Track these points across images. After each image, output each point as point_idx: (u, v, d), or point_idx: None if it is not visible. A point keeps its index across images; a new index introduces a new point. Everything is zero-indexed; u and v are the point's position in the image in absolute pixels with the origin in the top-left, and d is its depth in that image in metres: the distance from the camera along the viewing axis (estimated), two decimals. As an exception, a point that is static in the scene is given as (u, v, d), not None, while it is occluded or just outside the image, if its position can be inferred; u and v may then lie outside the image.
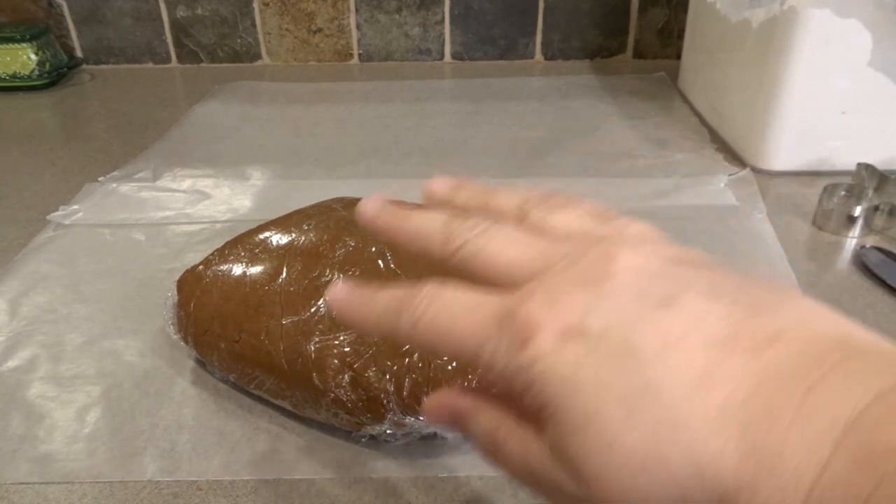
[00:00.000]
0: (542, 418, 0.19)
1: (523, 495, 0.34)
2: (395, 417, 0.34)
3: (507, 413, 0.22)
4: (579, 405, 0.18)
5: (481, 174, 0.67)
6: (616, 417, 0.17)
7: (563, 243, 0.21)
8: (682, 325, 0.18)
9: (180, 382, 0.42)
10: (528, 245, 0.21)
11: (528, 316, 0.19)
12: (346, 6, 1.00)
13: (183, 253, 0.55)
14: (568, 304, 0.19)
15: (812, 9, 0.57)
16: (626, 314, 0.18)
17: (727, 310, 0.18)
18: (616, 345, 0.18)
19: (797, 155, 0.64)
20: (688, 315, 0.18)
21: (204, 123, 0.82)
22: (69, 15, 1.01)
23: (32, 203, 0.64)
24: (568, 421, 0.18)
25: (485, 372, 0.20)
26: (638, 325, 0.18)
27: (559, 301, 0.19)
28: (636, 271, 0.19)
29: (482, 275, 0.21)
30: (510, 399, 0.22)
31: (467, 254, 0.22)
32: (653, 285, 0.19)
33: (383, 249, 0.41)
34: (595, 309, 0.19)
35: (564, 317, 0.19)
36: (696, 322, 0.18)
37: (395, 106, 0.86)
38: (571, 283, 0.20)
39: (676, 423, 0.17)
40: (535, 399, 0.19)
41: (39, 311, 0.48)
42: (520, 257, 0.21)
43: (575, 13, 0.99)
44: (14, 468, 0.36)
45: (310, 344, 0.35)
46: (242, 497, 0.34)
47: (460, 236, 0.22)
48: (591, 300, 0.19)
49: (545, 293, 0.19)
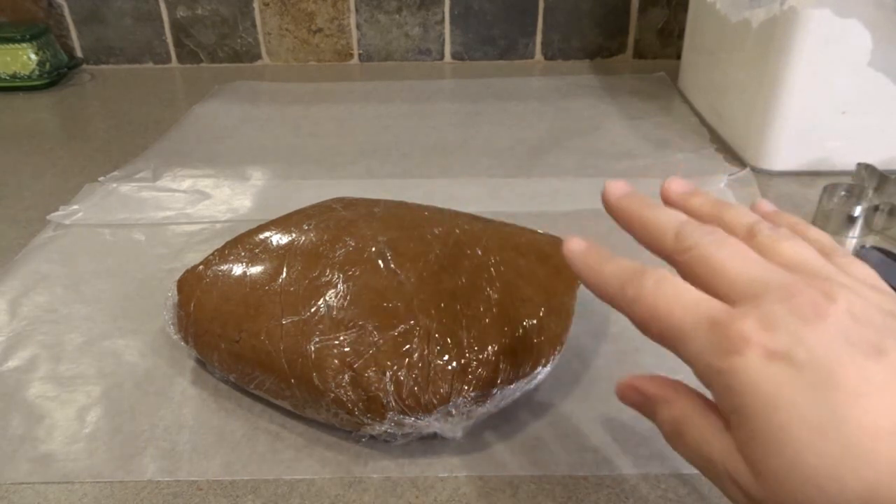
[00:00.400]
0: (730, 419, 0.22)
1: (523, 495, 0.34)
2: (395, 417, 0.34)
3: (691, 404, 0.24)
4: (773, 421, 0.20)
5: (481, 174, 0.67)
6: (805, 440, 0.20)
7: (787, 272, 0.23)
8: (886, 376, 0.20)
9: (180, 382, 0.42)
10: (754, 264, 0.23)
11: (741, 330, 0.21)
12: (346, 6, 1.00)
13: (183, 253, 0.55)
14: (781, 331, 0.21)
15: (812, 9, 0.57)
16: (835, 353, 0.20)
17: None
18: (819, 378, 0.20)
19: (797, 155, 0.64)
20: (894, 369, 0.20)
21: (204, 123, 0.82)
22: (69, 15, 1.01)
23: (32, 203, 0.64)
24: (759, 431, 0.20)
25: (686, 362, 0.22)
26: (844, 366, 0.20)
27: (774, 326, 0.21)
28: (852, 316, 0.21)
29: (704, 278, 0.23)
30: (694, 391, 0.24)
31: (697, 255, 0.24)
32: (865, 333, 0.21)
33: (383, 249, 0.41)
34: (806, 341, 0.20)
35: (776, 341, 0.21)
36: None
37: (395, 106, 0.86)
38: (789, 312, 0.21)
39: (864, 460, 0.19)
40: (729, 402, 0.21)
41: (39, 311, 0.48)
42: (743, 273, 0.23)
43: (575, 13, 0.99)
44: (14, 468, 0.36)
45: (310, 344, 0.35)
46: (242, 497, 0.34)
47: (693, 238, 0.24)
48: (803, 333, 0.21)
49: (762, 316, 0.21)
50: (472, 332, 0.35)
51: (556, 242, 0.44)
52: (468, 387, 0.34)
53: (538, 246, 0.43)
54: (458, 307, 0.37)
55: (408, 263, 0.40)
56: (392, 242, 0.41)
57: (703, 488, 0.34)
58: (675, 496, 0.34)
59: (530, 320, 0.37)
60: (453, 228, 0.43)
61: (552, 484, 0.34)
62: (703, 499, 0.33)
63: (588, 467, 0.35)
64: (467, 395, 0.34)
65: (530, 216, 0.58)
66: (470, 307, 0.37)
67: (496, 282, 0.38)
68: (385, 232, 0.43)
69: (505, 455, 0.36)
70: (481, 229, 0.44)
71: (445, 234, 0.42)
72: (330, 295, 0.38)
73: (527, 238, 0.43)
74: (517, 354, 0.35)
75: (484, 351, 0.35)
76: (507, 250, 0.41)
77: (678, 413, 0.24)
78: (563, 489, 0.34)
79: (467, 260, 0.40)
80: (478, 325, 0.36)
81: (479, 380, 0.34)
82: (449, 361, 0.34)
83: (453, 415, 0.34)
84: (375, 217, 0.45)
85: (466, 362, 0.34)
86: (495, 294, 0.38)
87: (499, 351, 0.35)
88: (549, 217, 0.59)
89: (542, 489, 0.34)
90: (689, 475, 0.35)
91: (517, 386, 0.36)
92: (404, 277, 0.39)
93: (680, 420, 0.24)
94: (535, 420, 0.38)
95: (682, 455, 0.24)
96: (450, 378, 0.34)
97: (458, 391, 0.34)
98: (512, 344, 0.35)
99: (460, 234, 0.43)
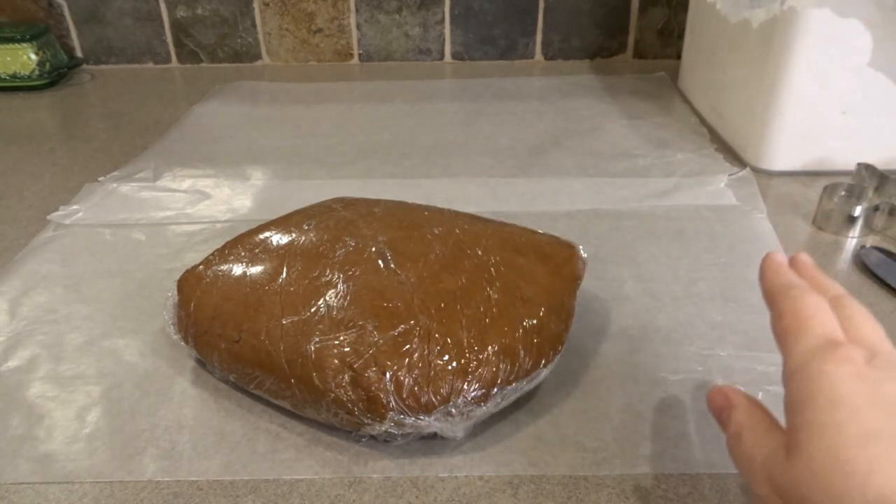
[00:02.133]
0: (793, 409, 0.26)
1: (523, 495, 0.34)
2: (395, 417, 0.34)
3: (757, 412, 0.29)
4: (835, 415, 0.24)
5: (481, 174, 0.67)
6: (852, 436, 0.23)
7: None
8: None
9: (180, 382, 0.42)
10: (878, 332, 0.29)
11: (849, 353, 0.26)
12: (346, 6, 1.00)
13: (183, 253, 0.55)
14: (879, 370, 0.25)
15: (812, 9, 0.57)
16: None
17: None
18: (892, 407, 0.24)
19: (797, 155, 0.64)
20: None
21: (204, 123, 0.82)
22: (69, 15, 1.01)
23: (32, 203, 0.64)
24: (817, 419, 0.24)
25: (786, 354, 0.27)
26: None
27: (876, 366, 0.25)
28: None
29: (846, 319, 0.29)
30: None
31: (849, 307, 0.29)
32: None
33: (383, 249, 0.41)
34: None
35: (870, 372, 0.25)
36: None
37: (395, 106, 0.86)
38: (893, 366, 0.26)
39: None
40: (803, 393, 0.25)
41: (39, 311, 0.48)
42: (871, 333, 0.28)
43: (575, 13, 0.99)
44: (14, 468, 0.36)
45: (310, 344, 0.35)
46: (242, 497, 0.34)
47: (848, 301, 0.30)
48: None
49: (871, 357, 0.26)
50: (472, 332, 0.35)
51: (556, 242, 0.44)
52: (468, 387, 0.34)
53: (538, 246, 0.43)
54: (458, 307, 0.37)
55: (408, 263, 0.40)
56: (392, 242, 0.41)
57: (703, 488, 0.34)
58: (675, 496, 0.34)
59: (530, 320, 0.37)
60: (453, 228, 0.43)
61: (552, 484, 0.34)
62: (703, 498, 0.33)
63: (588, 467, 0.35)
64: (467, 395, 0.34)
65: (530, 216, 0.58)
66: (470, 307, 0.37)
67: (496, 282, 0.38)
68: (385, 232, 0.43)
69: (505, 455, 0.36)
70: (481, 229, 0.44)
71: (445, 234, 0.42)
72: (330, 295, 0.38)
73: (527, 238, 0.43)
74: (517, 354, 0.35)
75: (484, 351, 0.35)
76: (507, 250, 0.41)
77: (744, 417, 0.29)
78: (563, 489, 0.34)
79: (467, 260, 0.40)
80: (478, 325, 0.36)
81: (479, 380, 0.34)
82: (449, 361, 0.34)
83: (453, 415, 0.34)
84: (375, 217, 0.45)
85: (466, 362, 0.34)
86: (495, 294, 0.38)
87: (499, 351, 0.35)
88: (549, 217, 0.59)
89: (542, 489, 0.34)
90: (689, 475, 0.35)
91: (517, 386, 0.36)
92: (404, 277, 0.39)
93: (744, 423, 0.29)
94: (535, 420, 0.38)
95: (734, 455, 0.29)
96: (450, 378, 0.34)
97: (458, 391, 0.34)
98: (512, 344, 0.35)
99: (460, 234, 0.43)
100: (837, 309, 0.30)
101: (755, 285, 0.29)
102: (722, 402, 0.31)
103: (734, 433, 0.29)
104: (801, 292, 0.30)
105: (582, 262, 0.43)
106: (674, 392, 0.40)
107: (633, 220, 0.58)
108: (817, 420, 0.24)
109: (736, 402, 0.30)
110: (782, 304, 0.30)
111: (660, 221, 0.58)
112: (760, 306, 0.31)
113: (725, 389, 0.31)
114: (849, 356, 0.26)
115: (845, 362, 0.25)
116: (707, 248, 0.54)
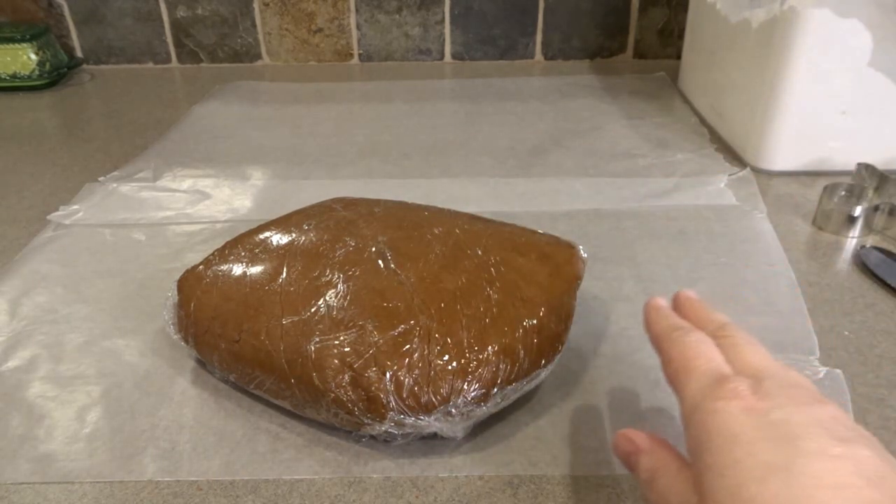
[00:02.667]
0: (695, 453, 0.26)
1: (523, 495, 0.34)
2: (395, 417, 0.34)
3: (669, 456, 0.28)
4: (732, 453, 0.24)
5: (481, 174, 0.67)
6: (754, 474, 0.23)
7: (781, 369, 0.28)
8: (845, 452, 0.23)
9: (180, 382, 0.42)
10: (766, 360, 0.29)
11: (736, 387, 0.26)
12: (346, 6, 1.00)
13: (183, 253, 0.55)
14: (768, 400, 0.25)
15: (812, 9, 0.57)
16: (807, 428, 0.24)
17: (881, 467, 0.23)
18: (785, 436, 0.24)
19: (797, 155, 0.64)
20: (854, 453, 0.23)
21: (204, 123, 0.82)
22: (69, 15, 1.01)
23: (32, 203, 0.64)
24: (717, 461, 0.24)
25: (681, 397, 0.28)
26: (811, 437, 0.23)
27: (764, 396, 0.26)
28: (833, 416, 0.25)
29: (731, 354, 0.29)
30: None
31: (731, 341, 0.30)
32: (839, 429, 0.24)
33: (383, 249, 0.41)
34: (786, 410, 0.25)
35: (759, 403, 0.25)
36: (859, 463, 0.23)
37: (395, 106, 0.86)
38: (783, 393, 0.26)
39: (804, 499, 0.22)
40: (700, 435, 0.26)
41: (39, 311, 0.48)
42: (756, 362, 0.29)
43: (575, 13, 0.99)
44: (14, 468, 0.36)
45: (310, 344, 0.35)
46: (242, 497, 0.34)
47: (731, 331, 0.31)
48: (788, 407, 0.25)
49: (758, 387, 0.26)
50: (472, 332, 0.35)
51: (556, 242, 0.44)
52: (468, 387, 0.34)
53: (538, 246, 0.43)
54: (458, 307, 0.37)
55: (408, 263, 0.40)
56: (392, 242, 0.41)
57: (703, 488, 0.34)
58: (675, 496, 0.34)
59: (530, 320, 0.37)
60: (453, 228, 0.43)
61: (552, 484, 0.34)
62: (703, 499, 0.33)
63: (588, 467, 0.35)
64: (467, 395, 0.34)
65: (530, 216, 0.58)
66: (470, 307, 0.37)
67: (496, 282, 0.38)
68: (385, 232, 0.43)
69: (505, 455, 0.36)
70: (481, 229, 0.44)
71: (445, 234, 0.42)
72: (330, 295, 0.38)
73: (527, 238, 0.43)
74: (517, 354, 0.35)
75: (484, 351, 0.35)
76: (507, 250, 0.41)
77: (657, 462, 0.28)
78: (563, 489, 0.34)
79: (467, 260, 0.40)
80: (478, 325, 0.36)
81: (479, 380, 0.34)
82: (449, 361, 0.34)
83: (453, 415, 0.34)
84: (375, 217, 0.45)
85: (466, 362, 0.34)
86: (495, 294, 0.38)
87: (499, 351, 0.35)
88: (549, 217, 0.59)
89: (542, 489, 0.34)
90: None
91: (517, 386, 0.36)
92: (404, 277, 0.38)
93: (657, 468, 0.28)
94: (535, 420, 0.38)
95: (648, 499, 0.28)
96: (450, 378, 0.34)
97: (458, 391, 0.34)
98: (512, 344, 0.35)
99: (460, 234, 0.43)
100: (720, 339, 0.30)
101: (755, 285, 0.29)
102: (628, 448, 0.30)
103: (645, 479, 0.29)
104: (683, 333, 0.30)
105: (582, 262, 0.43)
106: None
107: (633, 220, 0.58)
108: (716, 461, 0.24)
109: (643, 447, 0.30)
110: (668, 348, 0.30)
111: (660, 221, 0.58)
112: (760, 306, 0.31)
113: (630, 434, 0.30)
114: (736, 390, 0.26)
115: (734, 398, 0.25)
116: (707, 248, 0.54)
